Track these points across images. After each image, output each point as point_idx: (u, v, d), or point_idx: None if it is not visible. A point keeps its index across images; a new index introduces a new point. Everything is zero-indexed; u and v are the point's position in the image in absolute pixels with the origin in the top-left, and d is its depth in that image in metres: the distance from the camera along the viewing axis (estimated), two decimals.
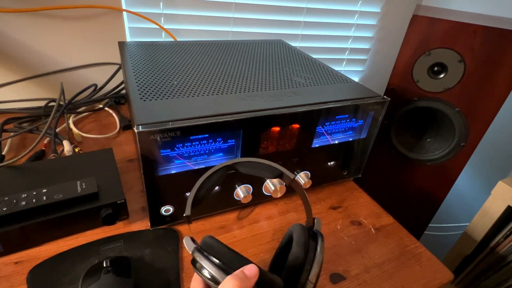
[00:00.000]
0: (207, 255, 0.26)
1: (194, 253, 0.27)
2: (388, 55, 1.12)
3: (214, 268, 0.26)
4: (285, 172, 0.32)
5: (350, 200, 0.57)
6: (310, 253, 0.30)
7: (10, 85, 0.72)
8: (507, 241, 0.74)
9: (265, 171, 0.33)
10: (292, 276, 0.29)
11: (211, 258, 0.26)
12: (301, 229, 0.32)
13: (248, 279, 0.25)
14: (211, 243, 0.29)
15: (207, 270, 0.26)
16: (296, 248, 0.30)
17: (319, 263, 0.29)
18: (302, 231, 0.32)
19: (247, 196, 0.48)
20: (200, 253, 0.27)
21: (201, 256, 0.26)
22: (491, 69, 0.75)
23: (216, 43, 0.71)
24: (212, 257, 0.26)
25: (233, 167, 0.33)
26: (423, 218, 1.01)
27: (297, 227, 0.33)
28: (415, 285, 0.42)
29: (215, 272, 0.25)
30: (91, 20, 0.72)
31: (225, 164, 0.32)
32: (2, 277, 0.37)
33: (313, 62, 0.65)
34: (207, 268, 0.26)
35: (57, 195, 0.41)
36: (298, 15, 0.93)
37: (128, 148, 0.63)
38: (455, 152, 0.85)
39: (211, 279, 0.25)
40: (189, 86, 0.48)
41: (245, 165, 0.33)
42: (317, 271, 0.29)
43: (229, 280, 0.24)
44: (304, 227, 0.33)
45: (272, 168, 0.33)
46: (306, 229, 0.33)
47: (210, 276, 0.26)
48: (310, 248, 0.30)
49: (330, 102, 0.47)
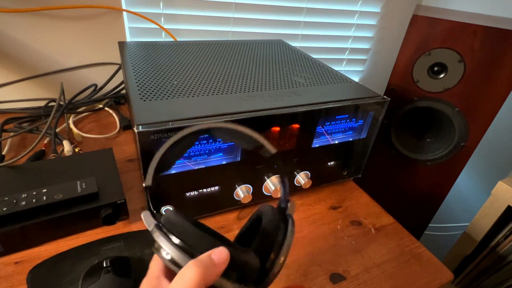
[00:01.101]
0: (166, 233, 0.23)
1: (153, 231, 0.23)
2: (388, 55, 1.12)
3: (174, 249, 0.22)
4: (266, 145, 0.29)
5: (350, 200, 0.57)
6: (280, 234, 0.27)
7: (10, 85, 0.72)
8: (507, 241, 0.74)
9: (242, 141, 0.29)
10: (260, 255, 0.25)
11: (171, 237, 0.22)
12: (271, 209, 0.29)
13: (214, 266, 0.21)
14: (174, 219, 0.24)
15: (165, 251, 0.22)
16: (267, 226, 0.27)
17: (289, 244, 0.26)
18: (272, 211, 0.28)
19: (247, 196, 0.48)
20: (159, 231, 0.23)
21: (159, 235, 0.22)
22: (491, 69, 0.75)
23: (216, 43, 0.71)
24: (172, 236, 0.22)
25: (208, 131, 0.29)
26: (423, 218, 1.01)
27: (266, 207, 0.29)
28: (415, 285, 0.42)
29: (175, 254, 0.21)
30: (91, 20, 0.72)
31: (200, 128, 0.28)
32: (2, 277, 0.37)
33: (313, 62, 0.65)
34: (166, 249, 0.22)
35: (57, 195, 0.41)
36: (298, 15, 0.93)
37: (128, 148, 0.63)
38: (455, 152, 0.85)
39: (171, 261, 0.22)
40: (189, 86, 0.48)
41: (223, 131, 0.29)
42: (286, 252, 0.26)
43: (191, 266, 0.20)
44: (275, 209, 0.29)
45: (252, 139, 0.29)
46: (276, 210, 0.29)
47: (169, 258, 0.22)
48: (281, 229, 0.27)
49: (330, 102, 0.47)
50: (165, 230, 0.23)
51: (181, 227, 0.23)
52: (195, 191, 0.45)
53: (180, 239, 0.22)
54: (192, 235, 0.23)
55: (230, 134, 0.30)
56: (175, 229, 0.23)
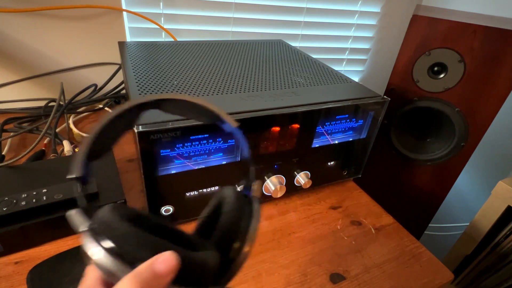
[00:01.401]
0: (99, 236, 0.18)
1: (84, 234, 0.19)
2: (388, 55, 1.12)
3: (107, 257, 0.17)
4: (226, 119, 0.25)
5: (350, 200, 0.57)
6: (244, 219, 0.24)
7: (10, 85, 0.72)
8: (507, 241, 0.74)
9: (200, 115, 0.26)
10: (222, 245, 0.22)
11: (104, 242, 0.18)
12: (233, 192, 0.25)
13: (158, 278, 0.17)
14: (109, 217, 0.19)
15: (98, 259, 0.18)
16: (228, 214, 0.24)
17: (254, 229, 0.23)
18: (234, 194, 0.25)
19: None
20: (90, 234, 0.18)
21: (90, 239, 0.18)
22: (491, 69, 0.75)
23: (216, 43, 0.71)
24: (106, 240, 0.18)
25: (156, 104, 0.24)
26: (423, 218, 1.01)
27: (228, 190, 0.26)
28: (415, 285, 0.42)
29: (109, 263, 0.17)
30: (91, 20, 0.72)
31: (145, 100, 0.24)
32: (2, 277, 0.37)
33: (313, 62, 0.65)
34: (98, 256, 0.18)
35: (57, 195, 0.41)
36: (298, 15, 0.93)
37: (128, 148, 0.63)
38: (455, 152, 0.85)
39: (106, 272, 0.18)
40: (189, 86, 0.48)
41: (174, 104, 0.25)
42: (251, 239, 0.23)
43: (126, 282, 0.17)
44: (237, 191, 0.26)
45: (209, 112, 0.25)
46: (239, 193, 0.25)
47: (104, 268, 0.18)
48: (244, 214, 0.24)
49: (330, 102, 0.47)
50: (98, 232, 0.18)
51: (117, 227, 0.18)
52: (195, 191, 0.45)
53: (116, 243, 0.18)
54: (131, 237, 0.18)
55: (182, 108, 0.25)
56: (110, 231, 0.18)
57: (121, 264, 0.17)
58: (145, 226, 0.19)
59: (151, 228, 0.19)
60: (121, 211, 0.20)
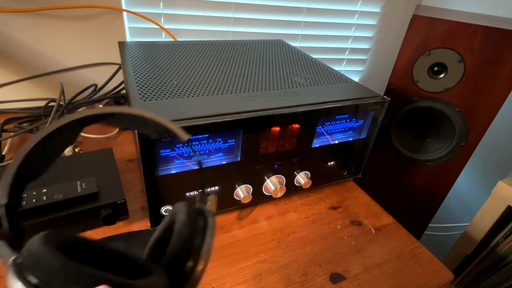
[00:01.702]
0: (24, 271, 0.16)
1: (9, 269, 0.16)
2: (388, 55, 1.12)
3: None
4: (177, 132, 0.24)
5: (350, 200, 0.57)
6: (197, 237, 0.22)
7: (10, 85, 0.72)
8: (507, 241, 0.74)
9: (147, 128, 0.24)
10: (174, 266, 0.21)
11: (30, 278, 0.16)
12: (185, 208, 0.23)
13: None
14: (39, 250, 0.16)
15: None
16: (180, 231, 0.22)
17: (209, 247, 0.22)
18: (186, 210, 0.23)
19: (247, 196, 0.48)
20: (14, 269, 0.16)
21: (14, 275, 0.16)
22: (491, 69, 0.75)
23: (216, 43, 0.71)
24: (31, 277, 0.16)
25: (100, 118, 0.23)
26: (423, 218, 1.01)
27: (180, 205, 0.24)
28: (415, 285, 0.42)
29: None
30: (91, 20, 0.72)
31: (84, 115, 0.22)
32: (2, 277, 0.37)
33: (313, 62, 0.65)
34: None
35: (57, 195, 0.41)
36: (298, 15, 0.93)
37: (128, 148, 0.63)
38: (455, 152, 0.85)
39: None
40: (189, 86, 0.48)
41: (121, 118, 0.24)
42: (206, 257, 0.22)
43: None
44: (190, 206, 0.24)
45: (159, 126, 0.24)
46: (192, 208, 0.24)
47: None
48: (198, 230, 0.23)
49: (330, 102, 0.47)
50: (25, 266, 0.16)
51: (46, 261, 0.16)
52: (195, 191, 0.45)
53: (43, 280, 0.16)
54: (60, 271, 0.16)
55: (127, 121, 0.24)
56: (38, 265, 0.16)
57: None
58: (85, 255, 0.18)
59: (93, 257, 0.18)
60: (56, 239, 0.17)
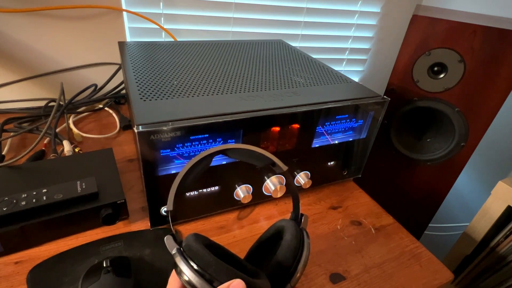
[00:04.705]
0: (187, 258, 0.25)
1: (175, 255, 0.25)
2: (388, 55, 1.12)
3: (194, 276, 0.24)
4: (277, 163, 0.31)
5: (350, 200, 0.57)
6: (300, 250, 0.29)
7: (10, 85, 0.72)
8: (507, 241, 0.74)
9: (256, 159, 0.32)
10: (276, 277, 0.27)
11: (192, 263, 0.24)
12: (294, 229, 0.30)
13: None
14: (195, 247, 0.26)
15: (187, 276, 0.24)
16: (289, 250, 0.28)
17: (304, 265, 0.28)
18: (295, 231, 0.30)
19: (247, 196, 0.48)
20: (181, 256, 0.25)
21: (181, 260, 0.25)
22: (491, 69, 0.75)
23: (216, 43, 0.71)
24: (193, 263, 0.24)
25: (224, 152, 0.32)
26: (423, 218, 1.01)
27: (290, 225, 0.31)
28: (415, 285, 0.42)
29: (196, 280, 0.24)
30: (91, 20, 0.72)
31: (216, 150, 0.31)
32: (2, 277, 0.37)
33: (313, 62, 0.65)
34: (187, 274, 0.24)
35: (57, 195, 0.41)
36: (298, 15, 0.93)
37: (128, 148, 0.63)
38: (455, 152, 0.85)
39: (191, 286, 0.24)
40: (189, 86, 0.48)
41: (237, 152, 0.32)
42: (301, 274, 0.28)
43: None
44: (297, 227, 0.31)
45: (265, 157, 0.32)
46: (298, 229, 0.31)
47: (190, 283, 0.24)
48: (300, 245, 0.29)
49: (330, 102, 0.47)
50: (186, 255, 0.25)
51: (201, 254, 0.25)
52: (195, 191, 0.45)
53: (201, 266, 0.24)
54: (211, 263, 0.24)
55: (243, 154, 0.32)
56: (195, 255, 0.25)
57: (203, 282, 0.23)
58: (216, 253, 0.25)
59: (220, 255, 0.25)
60: (201, 239, 0.27)
